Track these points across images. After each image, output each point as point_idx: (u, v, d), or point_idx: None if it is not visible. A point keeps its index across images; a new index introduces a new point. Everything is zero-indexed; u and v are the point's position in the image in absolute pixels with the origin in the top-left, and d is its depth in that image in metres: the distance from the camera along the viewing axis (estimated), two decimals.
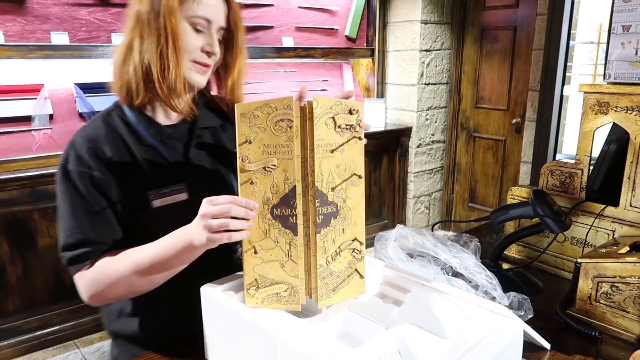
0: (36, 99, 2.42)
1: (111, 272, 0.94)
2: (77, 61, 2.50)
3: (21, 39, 2.34)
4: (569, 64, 2.85)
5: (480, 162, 3.62)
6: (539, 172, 1.29)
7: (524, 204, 1.17)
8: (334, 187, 0.83)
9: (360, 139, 0.85)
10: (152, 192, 0.99)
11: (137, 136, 1.01)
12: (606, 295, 0.98)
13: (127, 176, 0.99)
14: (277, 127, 0.82)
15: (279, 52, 3.09)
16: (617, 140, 1.17)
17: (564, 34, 2.80)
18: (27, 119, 2.40)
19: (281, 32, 3.17)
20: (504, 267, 1.29)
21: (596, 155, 1.24)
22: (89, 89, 2.56)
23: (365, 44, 3.60)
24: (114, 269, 0.94)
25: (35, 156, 2.33)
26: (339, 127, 0.82)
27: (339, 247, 0.85)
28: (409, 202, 3.69)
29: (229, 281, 0.92)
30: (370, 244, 1.11)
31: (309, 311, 0.88)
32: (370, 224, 3.45)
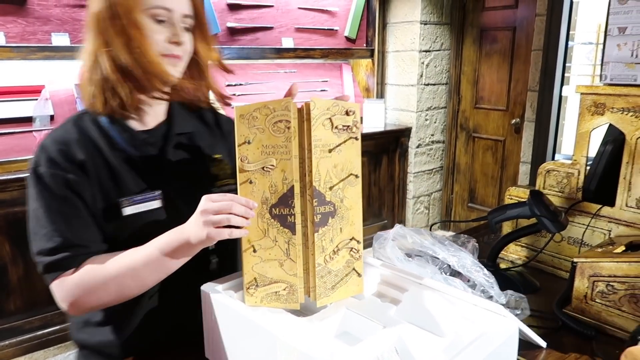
0: (37, 100, 2.43)
1: (98, 275, 0.90)
2: (77, 62, 2.51)
3: (22, 40, 2.35)
4: (567, 65, 2.87)
5: (479, 162, 3.63)
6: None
7: (521, 204, 1.18)
8: (332, 187, 0.84)
9: (357, 140, 0.86)
10: (124, 199, 0.95)
11: (110, 141, 0.97)
12: (602, 294, 0.99)
13: (100, 182, 0.94)
14: (275, 128, 0.83)
15: (278, 53, 3.10)
16: (613, 141, 1.18)
17: (562, 35, 2.81)
18: (28, 120, 2.41)
19: (281, 32, 3.18)
20: (502, 266, 1.30)
21: (593, 155, 1.25)
22: None
23: (364, 45, 3.61)
24: (102, 272, 0.90)
25: None
26: (336, 127, 0.83)
27: (337, 246, 0.86)
28: (409, 203, 3.70)
29: (228, 280, 0.93)
30: (369, 244, 1.12)
31: (308, 310, 0.89)
32: (370, 224, 3.46)
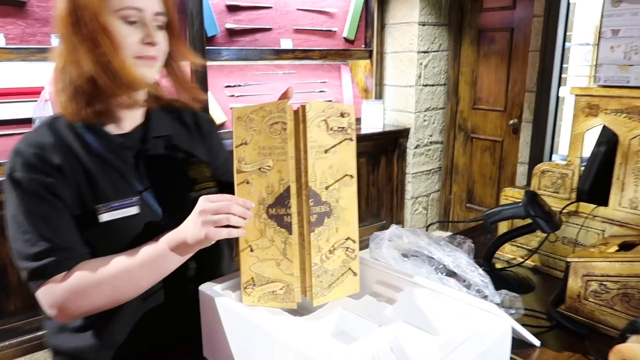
0: (37, 101, 2.44)
1: (92, 279, 0.88)
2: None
3: (22, 42, 2.36)
4: (565, 66, 2.88)
5: (477, 163, 3.64)
6: None
7: (516, 205, 1.19)
8: (327, 187, 0.85)
9: (351, 141, 0.87)
10: (101, 206, 0.92)
11: (86, 146, 0.93)
12: (595, 293, 1.00)
13: (77, 187, 0.91)
14: (271, 130, 0.84)
15: (277, 54, 3.11)
16: (607, 142, 1.19)
17: (559, 36, 2.83)
18: (27, 121, 2.42)
19: (280, 34, 3.19)
20: (498, 266, 1.31)
21: (587, 156, 1.26)
22: None
23: (363, 46, 3.62)
24: (96, 275, 0.88)
25: None
26: (331, 129, 0.85)
27: (333, 246, 0.87)
28: (407, 203, 3.71)
29: (226, 280, 0.94)
30: (367, 245, 1.14)
31: (305, 309, 0.90)
32: (368, 224, 3.47)
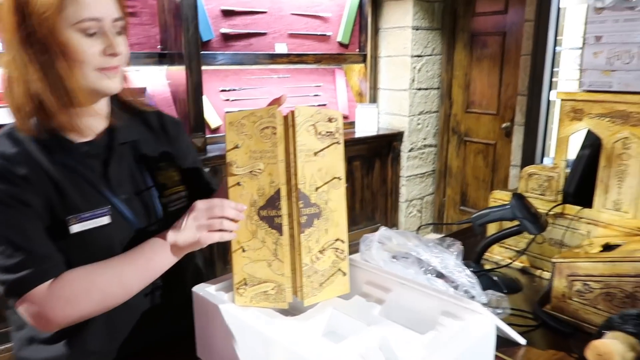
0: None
1: (81, 286, 0.87)
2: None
3: None
4: (555, 70, 2.92)
5: (471, 165, 3.67)
6: None
7: (504, 207, 1.22)
8: (317, 190, 0.88)
9: (339, 144, 0.90)
10: (71, 217, 0.89)
11: (50, 155, 0.89)
12: (579, 292, 1.03)
13: (45, 198, 0.88)
14: (262, 134, 0.87)
15: (272, 59, 3.14)
16: (591, 145, 1.22)
17: (550, 40, 2.86)
18: None
19: (274, 38, 3.22)
20: (487, 267, 1.34)
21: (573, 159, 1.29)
22: None
23: (357, 50, 3.65)
24: (85, 282, 0.87)
25: None
26: (320, 133, 0.87)
27: (323, 247, 0.90)
28: (401, 206, 3.74)
29: (219, 282, 0.96)
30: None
31: (296, 310, 0.92)
32: (362, 227, 3.50)
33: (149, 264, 0.91)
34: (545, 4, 2.87)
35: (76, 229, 0.89)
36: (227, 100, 3.08)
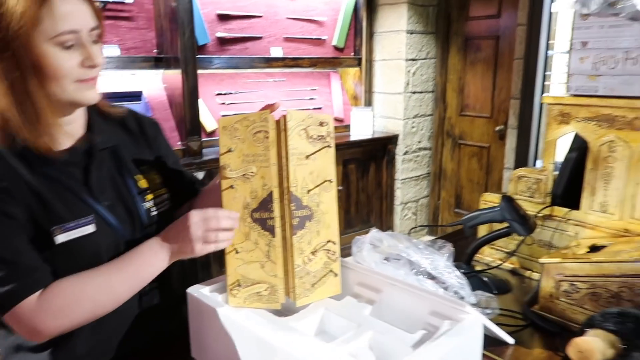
0: None
1: (72, 296, 0.86)
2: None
3: None
4: (548, 73, 2.95)
5: (465, 168, 3.70)
6: None
7: (494, 209, 1.24)
8: (308, 192, 0.90)
9: (330, 148, 0.92)
10: (56, 228, 0.88)
11: (30, 166, 0.87)
12: (566, 293, 1.05)
13: (28, 209, 0.86)
14: (255, 138, 0.89)
15: (267, 62, 3.16)
16: (578, 148, 1.24)
17: (542, 44, 2.89)
18: None
19: (270, 42, 3.24)
20: (478, 268, 1.36)
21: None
22: None
23: (352, 54, 3.68)
24: (75, 292, 0.87)
25: None
26: (311, 137, 0.89)
27: (315, 248, 0.92)
28: (396, 209, 3.76)
29: (214, 283, 0.98)
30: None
31: (289, 310, 0.94)
32: (358, 230, 3.52)
33: (139, 272, 0.91)
34: (537, 8, 2.90)
35: (61, 239, 0.88)
36: (223, 104, 3.10)
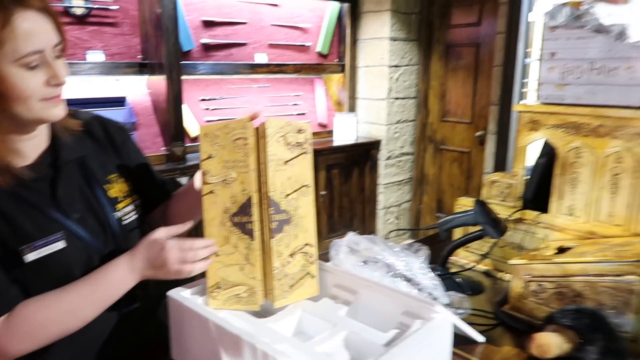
0: None
1: (37, 320, 0.85)
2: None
3: None
4: (525, 80, 3.02)
5: (446, 173, 3.76)
6: None
7: (467, 213, 1.29)
8: (286, 197, 0.93)
9: (307, 154, 0.95)
10: (25, 247, 0.86)
11: None
12: (534, 292, 1.10)
13: None
14: (235, 145, 0.92)
15: (252, 69, 3.19)
16: (547, 154, 1.30)
17: (520, 52, 2.96)
18: None
19: (254, 48, 3.27)
20: (452, 270, 1.40)
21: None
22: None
23: (336, 60, 3.73)
24: (41, 316, 0.86)
25: None
26: (289, 144, 0.93)
27: (293, 251, 0.95)
28: (379, 213, 3.81)
29: (194, 286, 1.00)
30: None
31: (267, 312, 0.96)
32: (341, 234, 3.53)
33: (107, 294, 0.91)
34: (515, 17, 2.98)
35: (31, 257, 0.87)
36: (207, 109, 3.11)
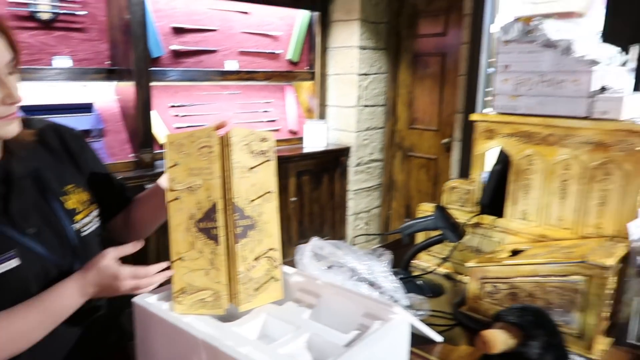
0: None
1: None
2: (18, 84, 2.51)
3: None
4: (489, 89, 3.13)
5: (414, 179, 3.84)
6: None
7: (428, 218, 1.34)
8: (250, 203, 0.96)
9: (271, 161, 0.99)
10: None
11: None
12: (489, 293, 1.15)
13: None
14: (200, 153, 0.94)
15: (222, 76, 3.19)
16: (502, 161, 1.36)
17: (483, 62, 3.08)
18: None
19: (225, 55, 3.28)
20: (415, 273, 1.45)
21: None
22: (31, 111, 2.57)
23: (307, 68, 3.77)
24: None
25: None
26: (253, 152, 0.96)
27: (257, 256, 0.98)
28: (349, 219, 3.86)
29: (159, 292, 1.01)
30: None
31: (232, 316, 0.98)
32: None
33: (57, 316, 0.89)
34: (478, 28, 3.09)
35: None
36: (177, 116, 3.11)
